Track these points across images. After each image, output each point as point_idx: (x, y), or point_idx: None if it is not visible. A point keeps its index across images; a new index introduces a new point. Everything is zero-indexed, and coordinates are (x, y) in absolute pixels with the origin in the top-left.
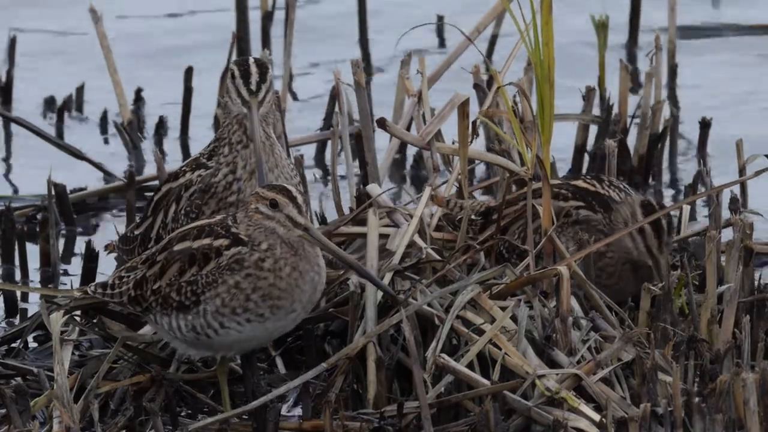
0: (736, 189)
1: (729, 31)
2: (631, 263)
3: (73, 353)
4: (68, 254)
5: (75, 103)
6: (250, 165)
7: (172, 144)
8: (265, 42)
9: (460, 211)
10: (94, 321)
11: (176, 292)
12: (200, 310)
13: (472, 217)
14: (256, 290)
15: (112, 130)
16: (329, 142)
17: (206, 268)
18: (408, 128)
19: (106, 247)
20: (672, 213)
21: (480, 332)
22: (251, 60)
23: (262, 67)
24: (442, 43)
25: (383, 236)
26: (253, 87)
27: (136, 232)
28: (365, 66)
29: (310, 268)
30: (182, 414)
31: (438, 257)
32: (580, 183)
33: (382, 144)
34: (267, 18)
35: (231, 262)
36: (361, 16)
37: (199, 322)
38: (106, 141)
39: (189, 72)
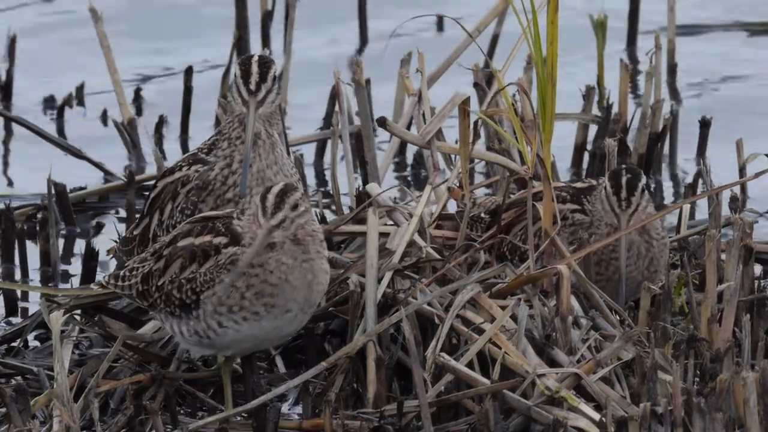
0: (736, 188)
1: (728, 28)
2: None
3: (73, 352)
4: (68, 254)
5: (75, 101)
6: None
7: (172, 143)
8: (265, 42)
9: (473, 206)
10: (95, 320)
11: (177, 290)
12: (200, 313)
13: (482, 215)
14: (249, 288)
15: (112, 129)
16: (329, 142)
17: (205, 265)
18: (408, 127)
19: (109, 252)
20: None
21: (480, 331)
22: (254, 58)
23: (264, 66)
24: (443, 42)
25: (383, 235)
26: (253, 87)
27: (135, 232)
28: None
29: (297, 264)
30: (182, 413)
31: (438, 256)
32: (578, 184)
33: (382, 144)
34: (267, 17)
35: (228, 262)
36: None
37: (200, 326)
38: (106, 140)
39: (189, 72)
